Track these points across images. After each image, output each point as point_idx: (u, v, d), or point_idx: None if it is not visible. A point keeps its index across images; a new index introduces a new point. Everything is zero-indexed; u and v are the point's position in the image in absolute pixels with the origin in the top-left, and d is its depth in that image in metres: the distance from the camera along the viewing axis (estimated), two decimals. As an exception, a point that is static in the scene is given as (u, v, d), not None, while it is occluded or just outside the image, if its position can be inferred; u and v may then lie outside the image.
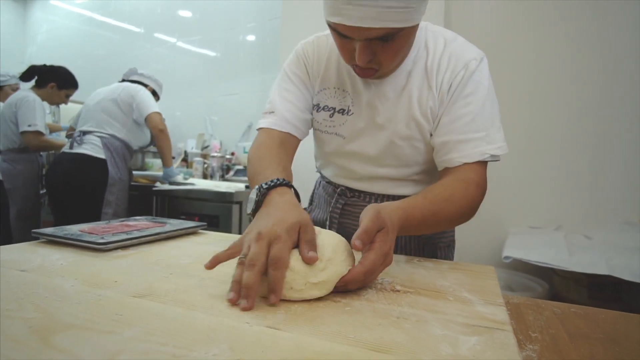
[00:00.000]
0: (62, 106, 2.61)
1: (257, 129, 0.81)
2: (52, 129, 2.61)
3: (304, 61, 0.82)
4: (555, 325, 0.50)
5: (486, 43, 1.92)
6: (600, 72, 1.75)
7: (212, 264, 0.48)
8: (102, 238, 0.65)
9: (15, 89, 2.50)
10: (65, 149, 1.92)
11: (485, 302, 0.47)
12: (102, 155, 1.86)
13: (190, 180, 2.23)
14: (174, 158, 2.91)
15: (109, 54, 3.70)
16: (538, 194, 1.87)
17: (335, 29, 0.61)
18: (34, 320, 0.36)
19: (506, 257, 1.48)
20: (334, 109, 0.80)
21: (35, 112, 2.18)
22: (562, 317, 0.53)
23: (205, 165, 2.58)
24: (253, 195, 0.59)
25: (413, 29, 0.62)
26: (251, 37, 2.84)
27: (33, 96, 2.21)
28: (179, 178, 2.14)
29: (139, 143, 2.05)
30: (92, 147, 1.87)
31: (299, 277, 0.45)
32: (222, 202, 1.90)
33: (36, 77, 2.27)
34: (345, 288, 0.48)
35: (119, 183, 1.90)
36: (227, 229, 1.87)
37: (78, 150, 1.86)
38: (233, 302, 0.42)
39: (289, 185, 0.61)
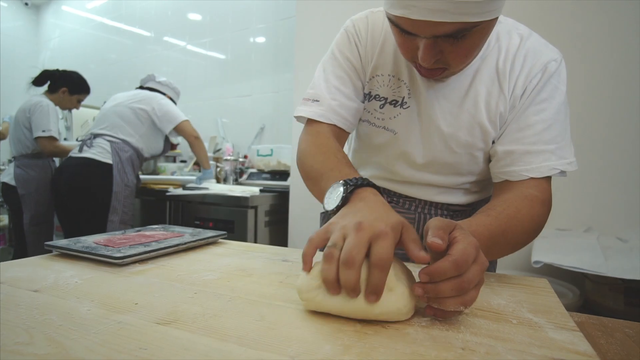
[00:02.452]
0: (74, 111, 2.60)
1: (295, 116, 0.72)
2: None
3: (355, 42, 0.70)
4: (634, 351, 0.43)
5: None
6: (634, 67, 1.66)
7: (309, 265, 0.43)
8: (119, 251, 0.61)
9: None
10: (73, 153, 1.89)
11: (555, 327, 0.41)
12: (108, 160, 1.82)
13: (204, 184, 2.19)
14: (185, 162, 2.90)
15: (120, 58, 3.71)
16: (565, 193, 1.78)
17: (397, 23, 0.52)
18: (48, 357, 0.31)
19: (536, 262, 1.41)
20: (386, 99, 0.70)
21: (50, 117, 2.17)
22: (638, 340, 0.46)
23: (218, 169, 2.55)
24: (337, 190, 0.50)
25: (491, 23, 0.51)
26: (262, 39, 2.80)
27: (47, 101, 2.20)
28: (214, 181, 2.25)
29: (151, 151, 2.02)
30: (100, 152, 1.83)
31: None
32: (237, 207, 1.86)
33: (49, 82, 2.26)
34: (438, 311, 0.39)
35: (125, 190, 1.86)
36: (243, 234, 1.83)
37: (85, 154, 1.83)
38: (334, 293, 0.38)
39: (377, 187, 0.52)
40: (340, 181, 0.51)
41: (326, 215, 0.56)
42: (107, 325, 0.37)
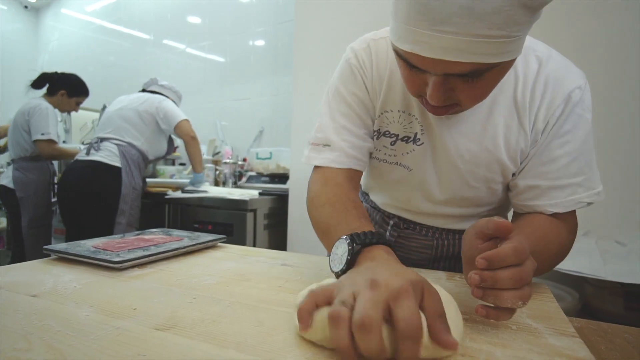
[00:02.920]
0: (73, 114, 2.60)
1: (304, 160, 0.66)
2: None
3: (361, 76, 0.64)
4: (633, 357, 0.43)
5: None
6: (634, 72, 1.67)
7: (307, 324, 0.35)
8: (118, 255, 0.61)
9: None
10: (80, 156, 1.88)
11: (555, 332, 0.41)
12: (117, 163, 1.83)
13: (203, 187, 2.19)
14: (184, 164, 2.89)
15: (119, 60, 3.71)
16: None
17: (404, 58, 0.46)
18: (45, 363, 0.31)
19: (535, 266, 1.40)
20: (397, 135, 0.65)
21: (48, 120, 2.16)
22: (638, 345, 0.46)
23: (217, 172, 2.55)
24: (342, 248, 0.45)
25: (510, 63, 0.46)
26: (261, 42, 2.81)
27: (46, 104, 2.19)
28: (207, 185, 2.20)
29: (155, 153, 2.04)
30: (108, 155, 1.84)
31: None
32: (236, 210, 1.85)
33: (47, 85, 2.26)
34: (491, 310, 0.37)
35: (133, 192, 1.87)
36: (242, 237, 1.82)
37: (93, 157, 1.82)
38: None
39: (391, 245, 0.47)
40: (346, 237, 0.45)
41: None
42: (106, 331, 0.37)
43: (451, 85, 0.47)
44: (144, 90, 2.14)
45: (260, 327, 0.40)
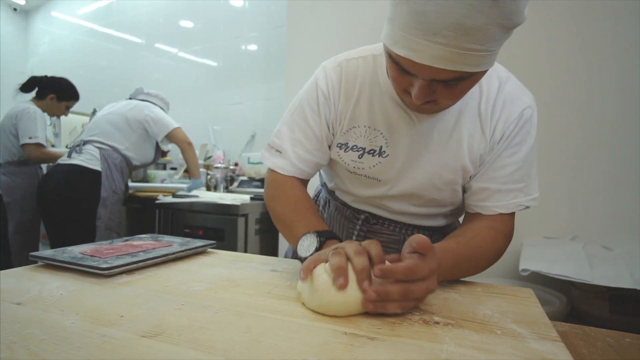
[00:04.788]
0: (63, 118, 2.57)
1: (259, 157, 0.79)
2: None
3: (325, 96, 0.72)
4: (614, 360, 0.44)
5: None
6: (617, 77, 1.70)
7: (307, 274, 0.50)
8: (106, 262, 0.60)
9: None
10: (62, 160, 1.87)
11: (538, 337, 0.42)
12: (97, 167, 1.81)
13: (194, 192, 2.18)
14: (175, 169, 2.88)
15: (110, 64, 3.68)
16: (552, 202, 1.81)
17: (397, 61, 0.53)
18: (29, 372, 0.31)
19: (524, 270, 1.42)
20: (364, 149, 0.72)
21: (37, 124, 2.14)
22: (619, 349, 0.47)
23: (209, 177, 2.54)
24: (310, 240, 0.60)
25: (482, 74, 0.55)
26: (254, 47, 2.81)
27: (34, 108, 2.17)
28: (203, 189, 2.22)
29: (141, 160, 2.01)
30: (89, 158, 1.82)
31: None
32: (228, 215, 1.85)
33: (36, 89, 2.24)
34: (381, 306, 0.46)
35: (113, 196, 1.85)
36: (233, 242, 1.82)
37: (74, 161, 1.81)
38: (344, 287, 0.45)
39: (341, 240, 0.61)
40: (313, 232, 0.61)
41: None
42: (91, 339, 0.37)
43: (433, 88, 0.54)
44: (131, 99, 2.13)
45: (248, 334, 0.40)
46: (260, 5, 2.76)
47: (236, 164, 2.67)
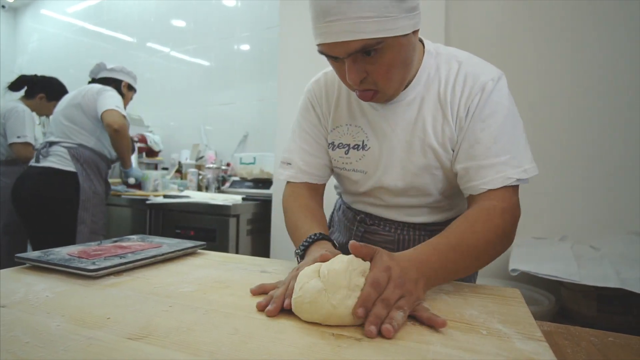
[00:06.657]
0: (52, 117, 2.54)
1: (276, 175, 0.81)
2: None
3: (312, 105, 0.81)
4: (597, 359, 0.45)
5: (488, 45, 1.90)
6: (607, 79, 1.73)
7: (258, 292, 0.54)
8: (94, 263, 0.60)
9: None
10: (32, 162, 1.76)
11: (523, 337, 0.42)
12: (71, 168, 1.68)
13: (185, 192, 2.16)
14: (167, 169, 2.86)
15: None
16: (542, 203, 1.84)
17: (321, 51, 0.60)
18: (11, 376, 0.30)
19: (513, 270, 1.44)
20: (349, 145, 0.78)
21: (25, 123, 2.11)
22: (602, 348, 0.48)
23: (200, 177, 2.52)
24: (302, 246, 0.65)
25: (400, 42, 0.57)
26: (246, 46, 2.81)
27: (22, 107, 2.14)
28: (141, 175, 2.11)
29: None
30: (59, 159, 1.69)
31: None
32: (219, 215, 1.84)
33: (26, 88, 2.21)
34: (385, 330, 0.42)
35: (94, 198, 1.73)
36: (224, 243, 1.81)
37: (44, 163, 1.67)
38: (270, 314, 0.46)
39: (327, 238, 0.65)
40: (300, 245, 0.65)
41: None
42: (77, 342, 0.37)
43: (363, 67, 0.59)
44: (93, 80, 2.00)
45: (235, 335, 0.40)
46: (252, 5, 2.75)
47: (228, 164, 2.66)
